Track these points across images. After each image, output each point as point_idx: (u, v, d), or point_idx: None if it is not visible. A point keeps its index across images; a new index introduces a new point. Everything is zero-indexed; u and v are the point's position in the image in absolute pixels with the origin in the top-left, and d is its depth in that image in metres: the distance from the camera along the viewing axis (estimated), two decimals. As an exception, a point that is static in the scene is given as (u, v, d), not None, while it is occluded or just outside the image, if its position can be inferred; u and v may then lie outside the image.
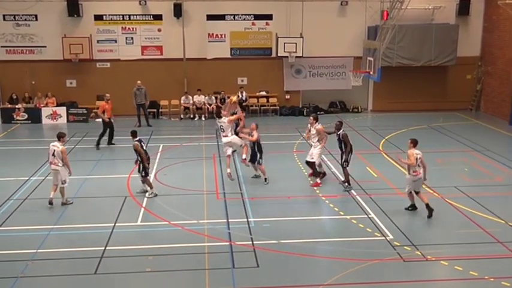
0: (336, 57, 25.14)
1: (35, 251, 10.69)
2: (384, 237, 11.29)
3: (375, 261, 10.22)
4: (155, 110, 24.68)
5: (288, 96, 25.54)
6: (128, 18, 24.53)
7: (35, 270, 9.98)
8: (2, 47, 24.19)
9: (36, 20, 24.14)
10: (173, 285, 9.68)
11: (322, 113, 25.37)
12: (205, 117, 24.39)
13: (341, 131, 14.23)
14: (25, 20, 24.12)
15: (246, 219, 12.29)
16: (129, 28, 24.59)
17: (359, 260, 10.28)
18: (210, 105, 24.46)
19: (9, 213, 12.68)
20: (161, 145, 19.26)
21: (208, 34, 24.80)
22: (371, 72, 20.84)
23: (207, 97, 24.57)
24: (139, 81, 22.73)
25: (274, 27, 24.83)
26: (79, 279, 9.69)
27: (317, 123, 14.81)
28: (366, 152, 18.15)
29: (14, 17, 24.03)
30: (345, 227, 12.00)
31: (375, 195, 13.78)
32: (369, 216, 12.50)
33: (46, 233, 11.52)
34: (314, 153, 14.65)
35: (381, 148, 18.99)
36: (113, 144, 19.37)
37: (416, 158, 12.28)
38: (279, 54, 24.39)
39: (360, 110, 25.87)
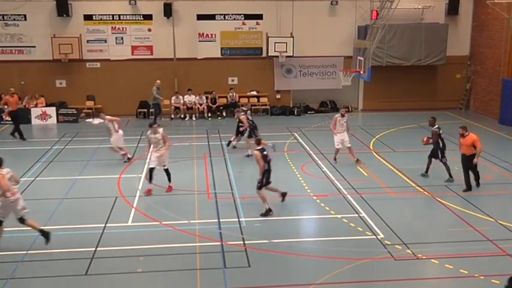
0: (326, 56, 25.20)
1: (25, 252, 10.61)
2: (374, 236, 11.34)
3: (365, 260, 10.26)
4: (145, 109, 24.60)
5: (279, 96, 25.57)
6: (117, 18, 24.43)
7: (25, 272, 9.91)
8: (-10, 47, 24.06)
9: (25, 19, 23.97)
10: (164, 286, 9.65)
11: (312, 112, 25.48)
12: (195, 117, 24.34)
13: (435, 126, 15.28)
14: (14, 19, 23.94)
15: (237, 219, 12.29)
16: (119, 28, 24.48)
17: (350, 259, 10.31)
18: (201, 105, 24.44)
19: (-1, 215, 12.56)
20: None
21: (199, 34, 24.77)
22: (361, 72, 20.91)
23: (197, 97, 24.54)
24: (158, 81, 22.91)
25: (265, 27, 24.83)
26: (70, 280, 9.63)
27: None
28: (356, 151, 18.15)
29: (3, 17, 23.86)
30: (336, 226, 12.02)
31: (366, 194, 13.83)
32: (360, 215, 12.54)
33: (36, 234, 11.42)
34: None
35: (371, 147, 19.06)
36: (14, 136, 20.14)
37: (9, 178, 10.28)
38: (269, 54, 24.40)
39: (350, 110, 25.94)
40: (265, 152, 12.52)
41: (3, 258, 10.37)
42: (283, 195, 13.10)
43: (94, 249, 10.74)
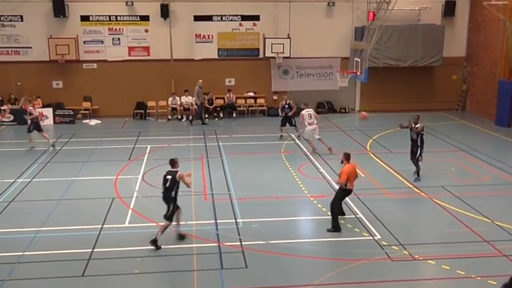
0: (323, 57, 25.23)
1: (21, 253, 10.58)
2: (371, 237, 11.35)
3: (363, 261, 10.28)
4: (142, 110, 24.58)
5: (276, 97, 25.56)
6: (114, 19, 24.39)
7: (21, 273, 9.88)
8: (-14, 47, 23.98)
9: (22, 20, 23.91)
10: (161, 286, 9.63)
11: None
12: (192, 118, 24.32)
13: (418, 124, 15.00)
14: (10, 20, 23.88)
15: (234, 220, 12.29)
16: (115, 29, 24.45)
17: (347, 259, 10.32)
18: (198, 106, 24.43)
19: (-5, 216, 12.56)
20: (149, 146, 19.17)
21: (196, 35, 24.76)
22: (358, 73, 20.94)
23: (194, 98, 24.50)
24: (200, 80, 23.06)
25: (262, 28, 24.85)
26: (67, 282, 9.62)
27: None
28: (353, 152, 18.10)
29: (-1, 18, 23.83)
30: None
31: (363, 195, 13.83)
32: (357, 216, 12.56)
33: (33, 236, 11.41)
34: None
35: (368, 148, 19.08)
36: None
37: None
38: (266, 55, 24.42)
39: (347, 111, 25.98)
40: (168, 177, 11.05)
41: (0, 259, 10.34)
42: (154, 242, 10.89)
43: (91, 250, 10.72)
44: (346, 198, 13.52)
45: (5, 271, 9.89)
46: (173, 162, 11.34)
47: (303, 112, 18.59)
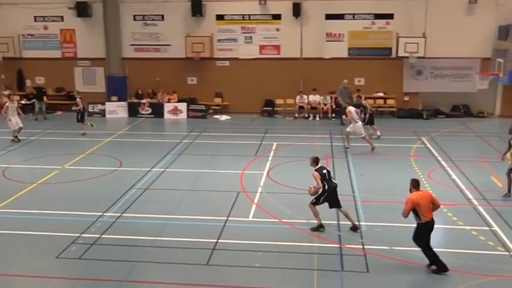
0: (461, 58, 23.72)
1: (153, 238, 11.27)
2: (507, 252, 10.42)
3: (494, 277, 9.47)
4: (270, 108, 25.02)
5: (407, 98, 24.58)
6: (247, 18, 25.12)
7: (153, 257, 10.50)
8: (131, 45, 25.94)
9: (163, 19, 25.56)
10: (281, 282, 9.69)
11: (443, 116, 24.16)
12: (319, 117, 24.27)
13: None
14: (152, 19, 25.65)
15: (357, 223, 11.98)
16: (248, 28, 25.16)
17: (477, 274, 9.57)
18: (325, 105, 24.30)
19: (132, 201, 13.52)
20: (275, 143, 19.45)
21: (326, 33, 24.63)
22: (500, 75, 19.42)
23: (322, 97, 24.43)
24: (345, 80, 23.26)
25: (395, 27, 24.04)
26: (192, 268, 10.05)
27: None
28: (491, 159, 16.89)
29: (143, 17, 25.66)
30: (463, 238, 11.23)
31: (500, 206, 12.77)
32: (492, 228, 11.60)
33: (164, 222, 12.12)
34: None
35: (508, 156, 17.52)
36: None
37: None
38: (399, 55, 23.56)
39: (485, 115, 24.18)
40: (324, 171, 11.50)
41: (135, 242, 11.13)
42: (354, 228, 11.59)
43: (215, 240, 11.10)
44: (481, 209, 12.58)
45: (141, 253, 10.60)
46: (317, 160, 11.80)
47: (351, 109, 18.39)
